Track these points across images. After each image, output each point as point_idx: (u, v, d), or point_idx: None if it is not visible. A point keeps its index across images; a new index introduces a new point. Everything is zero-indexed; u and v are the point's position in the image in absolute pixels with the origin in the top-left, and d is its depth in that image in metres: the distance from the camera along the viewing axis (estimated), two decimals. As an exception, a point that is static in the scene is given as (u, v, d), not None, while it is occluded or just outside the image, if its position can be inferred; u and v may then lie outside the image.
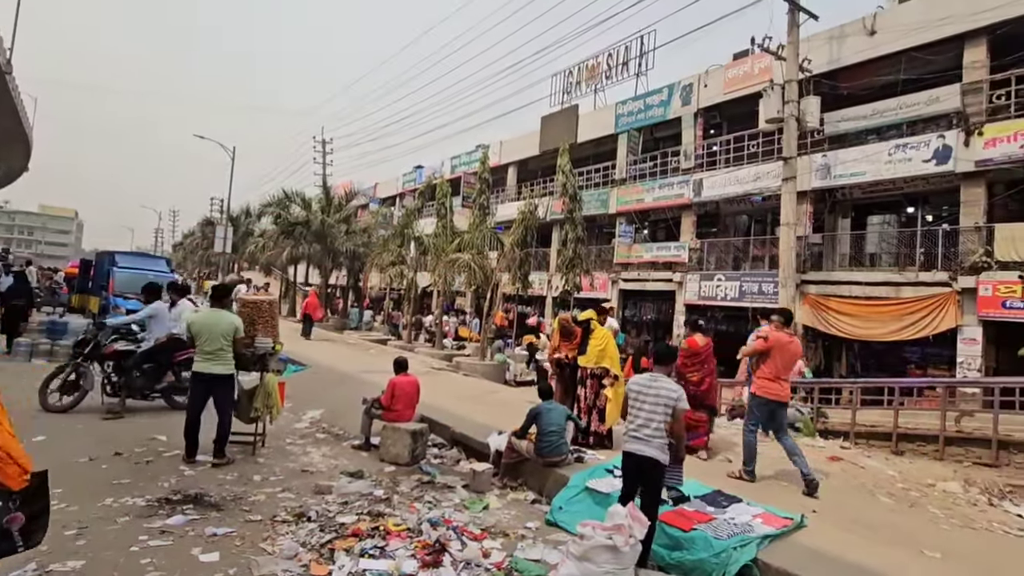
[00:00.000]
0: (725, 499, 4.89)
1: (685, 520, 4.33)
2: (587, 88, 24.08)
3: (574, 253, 18.11)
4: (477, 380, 11.99)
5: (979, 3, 12.63)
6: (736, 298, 15.85)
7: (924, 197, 14.64)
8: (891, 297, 12.90)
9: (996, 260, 11.45)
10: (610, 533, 3.91)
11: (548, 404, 5.82)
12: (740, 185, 16.93)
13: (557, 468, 5.45)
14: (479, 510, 4.92)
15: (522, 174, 28.05)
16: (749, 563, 3.87)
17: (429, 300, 28.27)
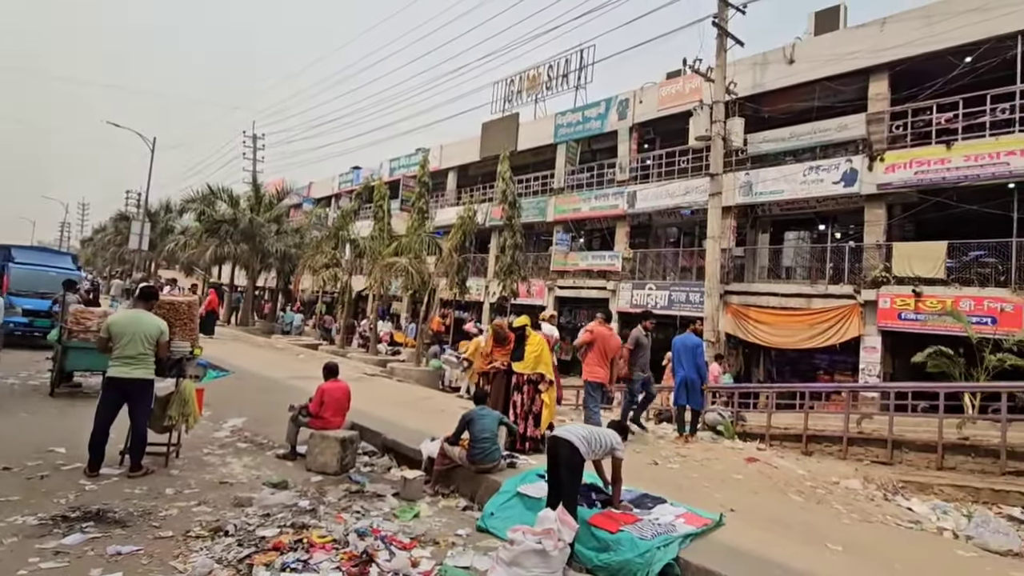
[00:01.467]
0: (651, 500, 5.05)
1: (612, 522, 4.43)
2: (528, 97, 24.44)
3: (512, 259, 18.26)
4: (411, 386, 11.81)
5: (882, 41, 13.90)
6: (666, 306, 16.52)
7: (834, 216, 15.87)
8: (803, 308, 13.89)
9: (894, 275, 12.59)
10: (540, 537, 3.95)
11: (481, 410, 5.81)
12: (671, 198, 17.69)
13: (489, 474, 5.45)
14: (409, 518, 4.83)
15: (462, 179, 28.01)
16: (671, 561, 4.01)
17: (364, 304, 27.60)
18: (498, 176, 19.68)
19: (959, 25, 12.61)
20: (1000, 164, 11.76)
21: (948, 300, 11.40)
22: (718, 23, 14.32)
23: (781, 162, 15.91)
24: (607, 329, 7.40)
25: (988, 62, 12.52)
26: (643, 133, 20.43)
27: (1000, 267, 11.60)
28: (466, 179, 27.92)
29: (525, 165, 23.78)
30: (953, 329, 10.47)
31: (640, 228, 20.08)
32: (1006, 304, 11.00)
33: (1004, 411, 6.45)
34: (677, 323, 15.57)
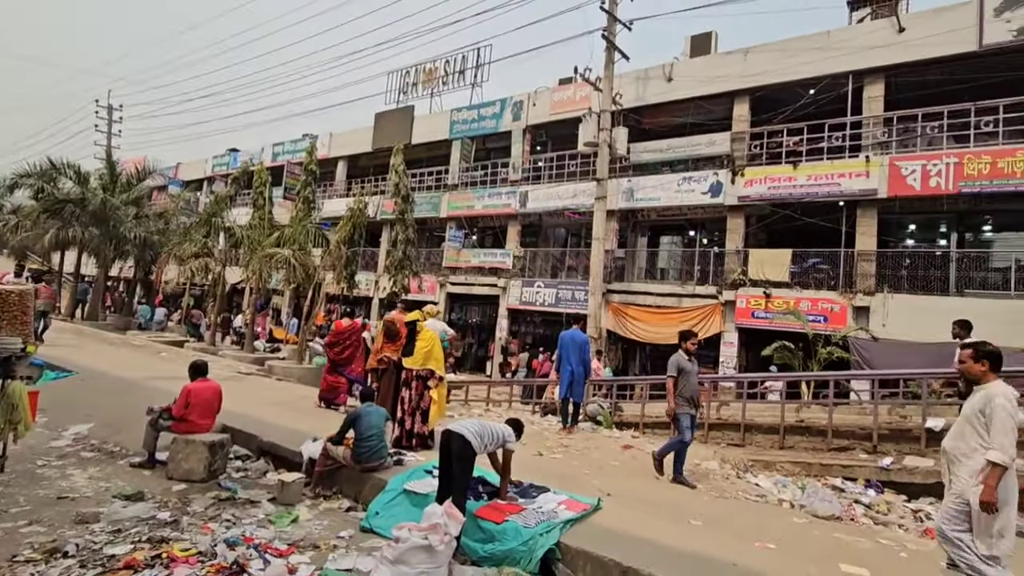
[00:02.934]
0: (535, 490, 5.24)
1: (498, 513, 4.54)
2: (424, 91, 24.09)
3: (404, 254, 17.87)
4: (292, 385, 11.15)
5: (745, 69, 15.51)
6: (553, 304, 17.16)
7: (702, 223, 17.46)
8: (675, 306, 15.17)
9: (749, 278, 14.15)
10: (426, 533, 3.94)
11: (367, 407, 5.66)
12: (560, 200, 18.39)
13: (375, 473, 5.32)
14: (287, 524, 4.58)
15: (353, 170, 26.94)
16: (553, 547, 4.20)
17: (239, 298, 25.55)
18: (391, 169, 19.14)
19: (806, 61, 14.45)
20: (833, 184, 13.67)
21: (791, 301, 13.06)
22: (607, 36, 15.10)
23: (659, 172, 17.17)
24: (401, 314, 7.99)
25: (828, 95, 14.47)
26: (536, 135, 21.01)
27: (831, 273, 13.51)
28: (357, 170, 26.89)
29: (419, 159, 23.42)
30: (794, 326, 12.02)
31: (531, 227, 20.64)
32: (835, 305, 12.85)
33: (831, 396, 7.56)
34: (564, 320, 16.23)
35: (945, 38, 12.78)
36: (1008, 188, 11.76)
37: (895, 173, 12.91)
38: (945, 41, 12.79)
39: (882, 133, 13.77)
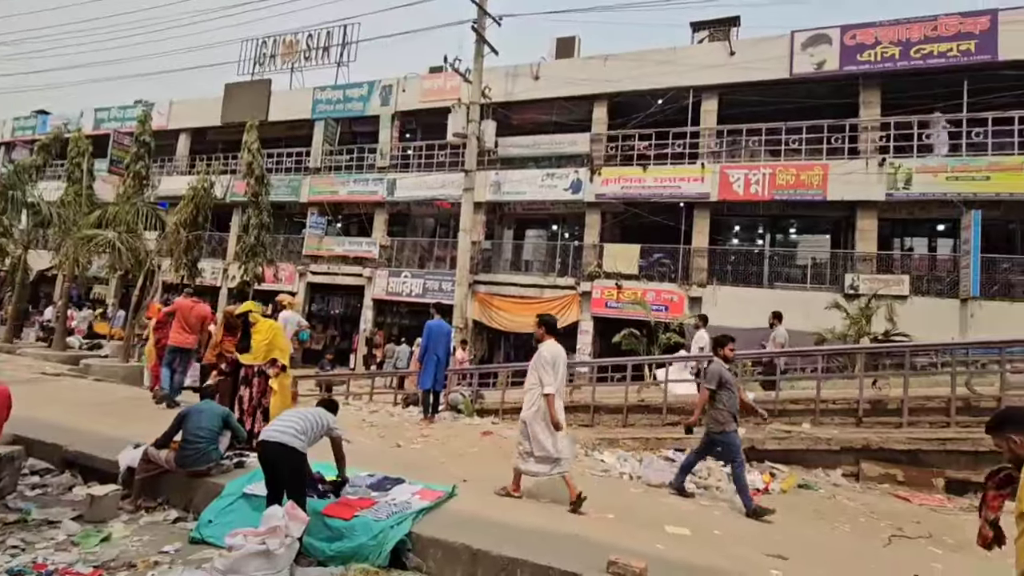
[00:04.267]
0: (390, 482, 5.15)
1: (347, 509, 4.39)
2: (283, 64, 22.35)
3: (257, 241, 16.50)
4: (114, 385, 9.75)
5: (604, 74, 16.54)
6: (420, 294, 17.00)
7: (564, 218, 18.39)
8: (537, 296, 15.86)
9: (604, 271, 15.23)
10: (264, 538, 3.69)
11: (200, 405, 5.16)
12: (429, 190, 18.21)
13: (208, 477, 4.86)
14: (95, 544, 4.01)
15: (198, 144, 24.20)
16: (404, 537, 4.16)
17: (49, 287, 21.79)
18: (243, 146, 17.52)
19: (656, 73, 15.79)
20: (675, 187, 15.17)
21: (639, 292, 14.31)
22: (476, 29, 15.16)
23: (525, 167, 17.72)
24: (191, 302, 8.14)
25: (673, 106, 15.97)
26: (405, 122, 20.55)
27: (672, 267, 15.03)
28: (203, 144, 24.20)
29: (277, 138, 21.71)
30: (640, 315, 13.19)
31: (399, 217, 20.20)
32: (674, 296, 14.34)
33: (667, 376, 8.45)
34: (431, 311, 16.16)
35: (765, 64, 14.74)
36: (807, 197, 13.95)
37: (724, 180, 14.66)
38: (765, 67, 14.76)
39: (715, 144, 15.55)
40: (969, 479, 6.27)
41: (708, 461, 7.07)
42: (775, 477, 6.48)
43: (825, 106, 14.72)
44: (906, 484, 6.45)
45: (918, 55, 13.48)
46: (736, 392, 5.76)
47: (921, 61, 13.47)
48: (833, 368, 9.00)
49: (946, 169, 12.80)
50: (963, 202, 12.48)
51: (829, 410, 7.42)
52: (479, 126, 15.77)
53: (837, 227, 15.33)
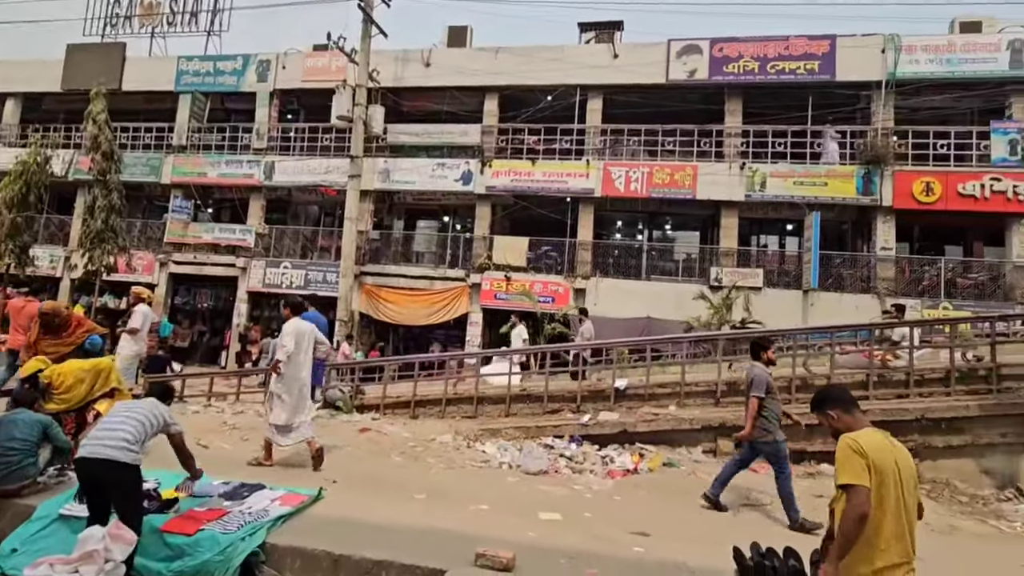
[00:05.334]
0: (247, 489, 4.74)
1: (191, 523, 3.96)
2: (142, 28, 19.91)
3: (106, 225, 14.52)
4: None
5: (495, 66, 16.49)
6: (302, 286, 16.00)
7: (455, 209, 18.23)
8: (427, 289, 15.60)
9: (493, 263, 15.32)
10: (76, 565, 3.21)
11: (16, 413, 4.41)
12: (312, 175, 17.17)
13: (18, 498, 4.15)
14: None
15: (31, 112, 20.85)
16: (256, 549, 3.83)
17: None
18: (87, 117, 15.31)
19: (545, 69, 16.05)
20: (562, 182, 15.61)
21: (527, 283, 14.56)
22: (363, 7, 14.46)
23: (415, 155, 17.27)
24: (22, 302, 7.84)
25: (562, 102, 16.36)
26: (286, 101, 19.19)
27: (558, 259, 15.49)
28: (38, 113, 20.85)
29: (133, 111, 19.27)
30: (527, 306, 13.41)
31: (279, 203, 18.85)
32: (560, 287, 14.79)
33: (547, 366, 8.68)
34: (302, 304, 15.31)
35: (644, 69, 15.57)
36: (680, 196, 15.01)
37: (607, 177, 15.33)
38: (644, 71, 15.59)
39: (600, 142, 16.19)
40: (805, 449, 7.05)
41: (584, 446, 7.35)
42: (643, 457, 6.87)
43: (697, 111, 15.88)
44: (755, 457, 7.12)
45: (773, 70, 14.96)
46: (777, 403, 5.49)
47: (776, 76, 14.96)
48: (699, 354, 9.74)
49: (793, 175, 14.37)
50: (806, 204, 14.12)
51: (692, 392, 8.02)
52: (366, 110, 15.11)
53: (705, 224, 16.65)
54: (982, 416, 6.71)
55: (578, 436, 7.47)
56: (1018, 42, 13.74)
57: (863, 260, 14.26)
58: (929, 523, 4.90)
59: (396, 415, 8.28)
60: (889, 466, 2.40)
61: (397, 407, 8.44)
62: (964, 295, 13.17)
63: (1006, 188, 13.25)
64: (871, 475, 2.37)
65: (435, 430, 7.54)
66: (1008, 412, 6.73)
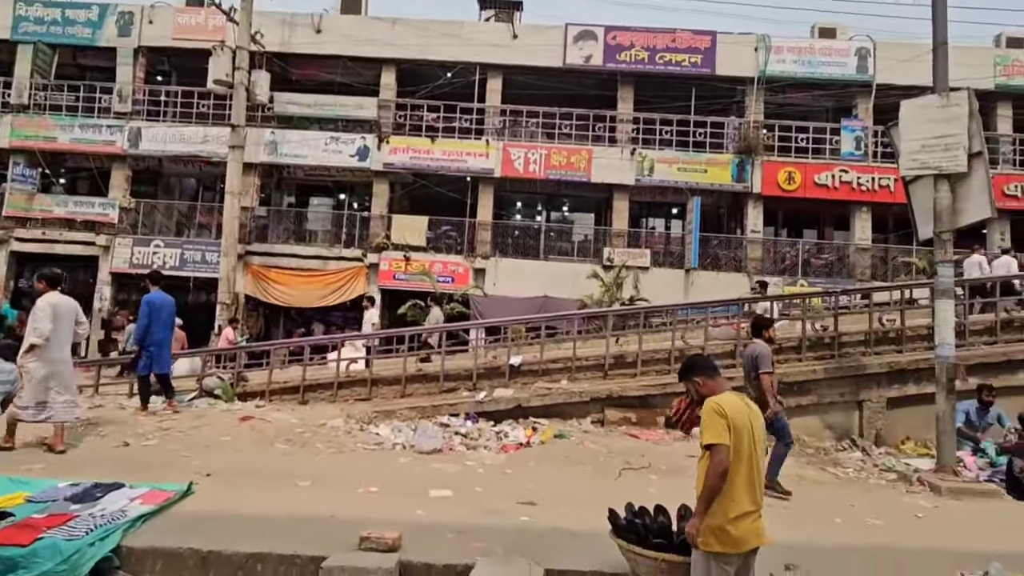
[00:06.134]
0: (101, 490, 4.29)
1: (28, 531, 3.50)
2: (-41, -41, 16.76)
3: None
4: None
5: (392, 38, 15.91)
6: (177, 266, 14.64)
7: (351, 186, 17.48)
8: (320, 269, 14.91)
9: (392, 242, 14.95)
10: None
11: None
12: (187, 144, 15.63)
13: None
14: None
15: None
16: (109, 554, 3.48)
17: None
18: None
19: (444, 44, 15.72)
20: (462, 161, 15.50)
21: (426, 263, 14.38)
22: (242, -38, 13.21)
23: (306, 127, 16.26)
24: None
25: (461, 80, 16.12)
26: (154, 60, 17.22)
27: (458, 239, 15.44)
28: None
29: (-45, 60, 16.34)
30: (426, 286, 13.29)
31: (148, 174, 16.97)
32: (460, 267, 14.79)
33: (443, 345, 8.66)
34: (191, 285, 14.09)
35: (543, 51, 15.74)
36: (576, 178, 15.50)
37: (507, 157, 15.43)
38: (543, 54, 15.77)
39: (499, 122, 16.21)
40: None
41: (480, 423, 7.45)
42: (536, 431, 7.10)
43: (592, 96, 16.36)
44: (638, 424, 7.63)
45: (661, 61, 15.76)
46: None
47: (663, 67, 15.78)
48: (591, 330, 10.20)
49: (678, 161, 15.35)
50: (689, 189, 15.17)
51: (583, 367, 8.39)
52: (248, 76, 13.93)
53: (599, 206, 17.33)
54: (826, 378, 7.66)
55: (474, 413, 7.55)
56: (864, 49, 15.56)
57: (736, 242, 15.63)
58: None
59: (284, 401, 7.89)
60: (745, 426, 2.64)
61: (285, 393, 8.03)
62: (816, 273, 14.93)
63: (852, 179, 15.11)
64: (730, 434, 2.59)
65: (326, 415, 7.27)
66: (846, 374, 7.73)
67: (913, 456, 7.05)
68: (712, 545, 2.59)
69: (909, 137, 6.43)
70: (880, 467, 6.69)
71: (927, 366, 6.92)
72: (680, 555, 2.96)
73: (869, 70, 15.46)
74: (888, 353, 8.02)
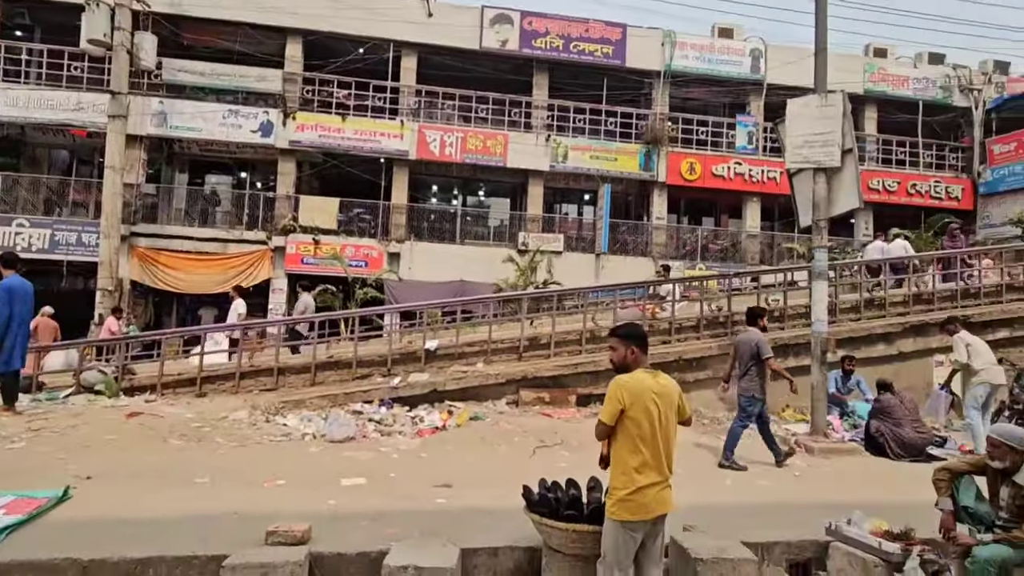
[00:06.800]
0: (-45, 502, 3.77)
1: None
2: None
3: None
4: None
5: (297, 5, 14.93)
6: (47, 249, 13.02)
7: (253, 164, 16.36)
8: (219, 253, 13.87)
9: (300, 225, 14.20)
10: None
11: None
12: (56, 111, 13.85)
13: None
14: None
15: None
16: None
17: None
18: None
19: (356, 17, 14.96)
20: (375, 141, 14.97)
21: (338, 247, 13.81)
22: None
23: (201, 98, 14.97)
24: None
25: (374, 56, 15.48)
26: (11, 12, 15.00)
27: (372, 222, 14.96)
28: None
29: None
30: (338, 271, 12.78)
31: (6, 143, 14.87)
32: (374, 251, 14.36)
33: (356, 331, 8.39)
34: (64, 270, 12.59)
35: (459, 32, 15.49)
36: (492, 163, 15.50)
37: (422, 139, 15.10)
38: (459, 35, 15.51)
39: (414, 103, 15.80)
40: (592, 392, 7.98)
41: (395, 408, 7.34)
42: (452, 414, 7.11)
43: (509, 81, 16.36)
44: (551, 403, 7.85)
45: (575, 50, 16.05)
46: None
47: (577, 56, 16.08)
48: (506, 313, 10.32)
49: (590, 149, 15.79)
50: (600, 177, 15.68)
51: (498, 349, 8.48)
52: (131, 37, 12.62)
53: (515, 191, 17.48)
54: (720, 354, 8.28)
55: (388, 399, 7.42)
56: (757, 51, 16.75)
57: (643, 228, 16.41)
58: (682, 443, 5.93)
59: (179, 395, 7.31)
60: (647, 403, 2.79)
61: (180, 386, 7.44)
62: (713, 257, 16.05)
63: (744, 171, 16.32)
64: (626, 413, 2.78)
65: (228, 407, 6.84)
66: (737, 350, 8.40)
67: (792, 422, 7.82)
68: (621, 514, 2.75)
69: (793, 133, 7.04)
70: (765, 433, 7.36)
71: (805, 341, 7.67)
72: (590, 524, 3.11)
73: (761, 70, 16.68)
74: (773, 330, 8.78)
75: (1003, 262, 10.30)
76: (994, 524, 3.32)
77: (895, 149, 17.50)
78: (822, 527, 3.70)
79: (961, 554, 3.21)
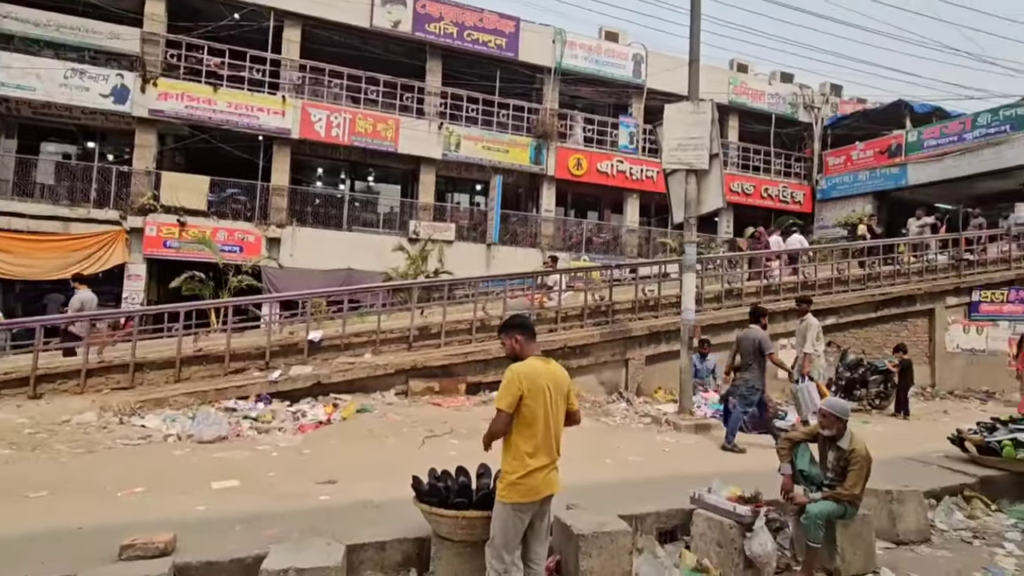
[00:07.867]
0: None
1: None
2: None
3: None
4: None
5: (155, -42, 13.26)
6: None
7: (103, 133, 14.37)
8: (60, 233, 12.04)
9: (162, 204, 12.75)
10: None
11: None
12: None
13: None
14: None
15: None
16: None
17: None
18: None
19: (227, -22, 13.63)
20: (253, 117, 13.81)
21: (207, 230, 12.59)
22: None
23: (37, 52, 12.82)
24: None
25: (252, 24, 14.21)
26: None
27: (248, 204, 13.83)
28: None
29: None
30: (208, 256, 11.67)
31: None
32: (250, 235, 13.28)
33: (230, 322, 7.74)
34: None
35: (348, 8, 14.71)
36: (382, 148, 14.99)
37: (306, 118, 14.21)
38: (347, 11, 14.74)
39: (298, 78, 14.79)
40: (482, 381, 8.11)
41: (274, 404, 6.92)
42: (337, 407, 6.85)
43: (401, 64, 15.87)
44: (441, 393, 7.86)
45: (469, 39, 15.98)
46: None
47: (471, 44, 16.02)
48: (396, 303, 10.10)
49: (483, 140, 15.86)
50: (492, 168, 15.82)
51: (388, 339, 8.30)
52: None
53: (406, 178, 17.08)
54: (601, 341, 8.79)
55: (267, 395, 6.99)
56: (639, 56, 17.82)
57: (532, 219, 16.85)
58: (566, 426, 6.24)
59: (6, 398, 6.30)
60: (542, 389, 2.89)
61: (7, 387, 6.41)
62: (597, 250, 16.91)
63: (626, 169, 17.37)
64: (523, 400, 2.84)
65: (70, 409, 6.03)
66: (616, 337, 8.97)
67: (663, 402, 8.54)
68: (511, 497, 2.84)
69: (670, 136, 7.61)
70: (639, 414, 7.97)
71: (675, 328, 8.38)
72: (480, 510, 3.17)
73: (643, 75, 17.78)
74: (648, 318, 9.50)
75: (834, 259, 11.98)
76: (823, 483, 3.89)
77: (752, 156, 19.57)
78: (687, 496, 4.10)
79: (797, 511, 3.74)
